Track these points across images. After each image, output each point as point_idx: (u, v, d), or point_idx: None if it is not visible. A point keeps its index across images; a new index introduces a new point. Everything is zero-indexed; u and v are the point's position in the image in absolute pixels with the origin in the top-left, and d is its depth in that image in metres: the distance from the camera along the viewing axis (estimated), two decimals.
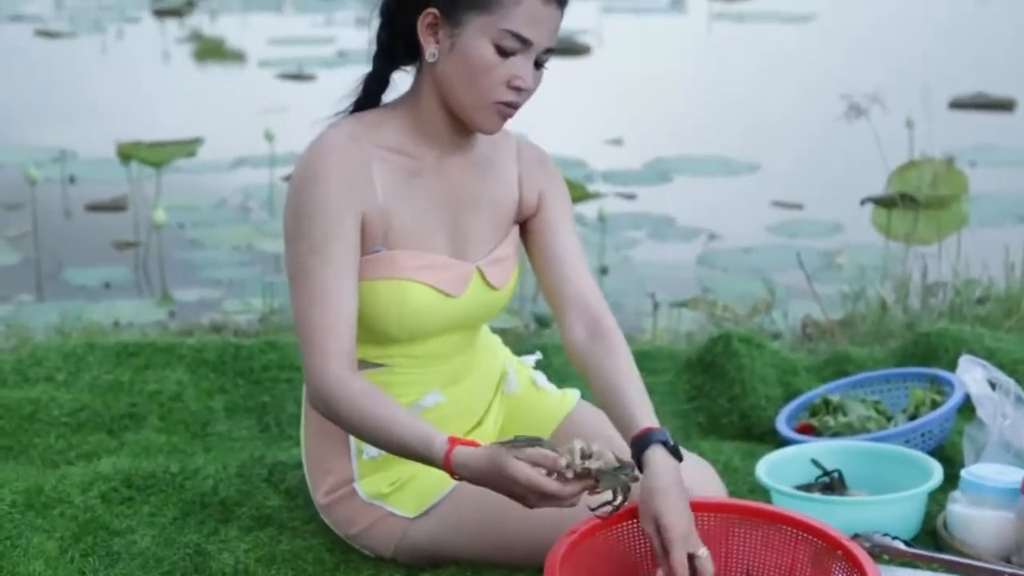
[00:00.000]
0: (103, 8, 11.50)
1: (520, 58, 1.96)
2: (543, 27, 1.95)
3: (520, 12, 1.93)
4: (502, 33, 1.93)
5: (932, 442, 2.58)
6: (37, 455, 2.59)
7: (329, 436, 2.11)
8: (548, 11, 1.95)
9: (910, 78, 7.62)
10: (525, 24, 1.94)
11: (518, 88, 1.97)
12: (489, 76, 1.95)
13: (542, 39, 1.96)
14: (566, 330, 2.10)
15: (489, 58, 1.94)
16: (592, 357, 2.05)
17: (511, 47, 1.94)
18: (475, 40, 1.94)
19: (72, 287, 4.95)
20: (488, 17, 1.93)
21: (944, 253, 4.14)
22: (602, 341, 2.06)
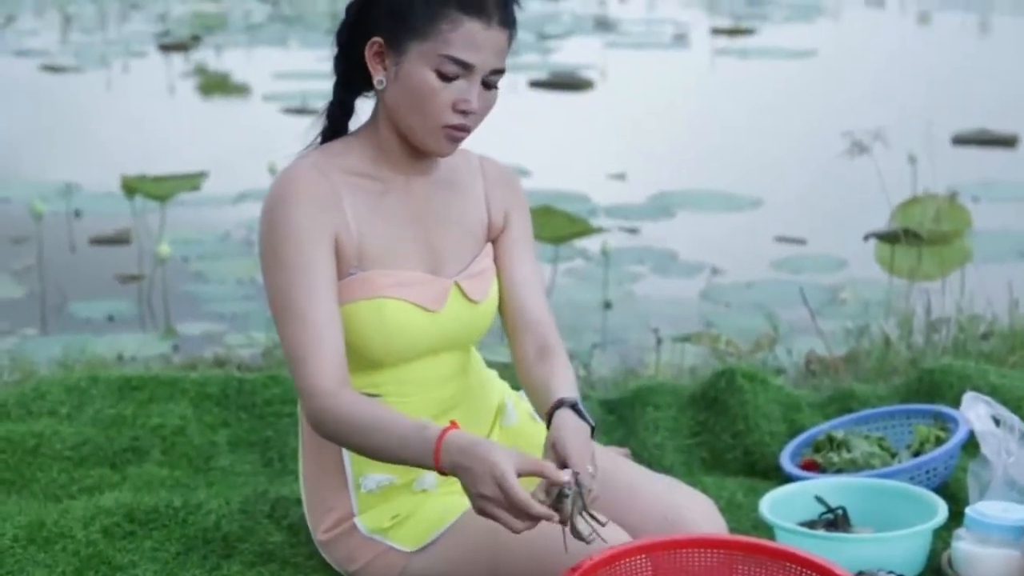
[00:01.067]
0: (109, 43, 11.58)
1: (464, 81, 1.96)
2: (484, 50, 1.96)
3: (457, 37, 1.94)
4: (441, 59, 1.95)
5: (937, 479, 2.58)
6: (39, 489, 2.58)
7: (327, 471, 2.11)
8: (489, 34, 1.95)
9: (913, 114, 7.66)
10: (464, 48, 1.95)
11: (464, 111, 1.98)
12: (434, 101, 1.96)
13: (485, 61, 1.96)
14: (517, 349, 2.12)
15: (432, 83, 1.95)
16: (537, 369, 2.08)
17: (452, 72, 1.95)
18: (416, 66, 1.95)
19: (76, 320, 4.96)
20: (427, 43, 1.95)
21: (948, 289, 4.14)
22: (548, 359, 2.09)
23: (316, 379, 1.95)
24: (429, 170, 2.11)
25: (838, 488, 2.44)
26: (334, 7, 13.57)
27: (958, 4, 13.95)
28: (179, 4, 14.25)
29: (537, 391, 2.06)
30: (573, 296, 5.15)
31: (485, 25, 1.95)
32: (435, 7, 1.94)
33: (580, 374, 3.45)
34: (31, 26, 12.63)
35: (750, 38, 11.86)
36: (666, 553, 1.94)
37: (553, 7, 14.18)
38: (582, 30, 12.49)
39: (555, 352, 2.09)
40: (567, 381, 2.04)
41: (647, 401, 2.96)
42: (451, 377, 2.14)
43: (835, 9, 13.60)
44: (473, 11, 1.94)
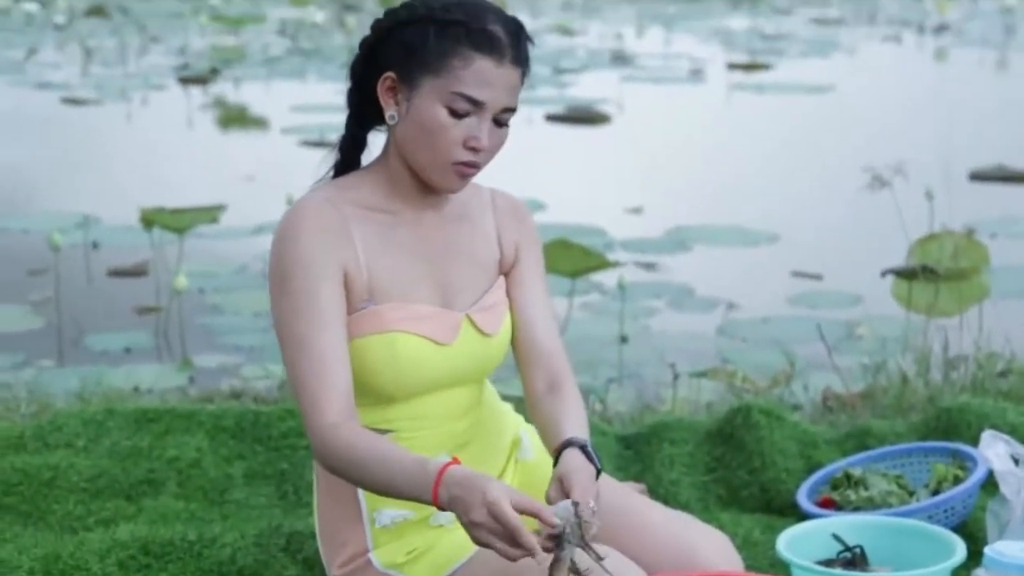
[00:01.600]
0: (129, 76, 11.66)
1: (475, 119, 1.97)
2: (496, 88, 1.96)
3: (469, 74, 1.94)
4: (453, 96, 1.95)
5: (955, 518, 2.56)
6: (55, 521, 2.59)
7: (342, 505, 2.11)
8: (501, 72, 1.96)
9: (930, 150, 7.66)
10: (475, 86, 1.95)
11: (474, 148, 1.98)
12: (444, 137, 1.97)
13: (497, 99, 1.97)
14: (527, 382, 2.12)
15: (443, 120, 1.96)
16: (547, 403, 2.08)
17: (463, 108, 1.96)
18: (428, 102, 1.96)
19: (93, 352, 4.97)
20: (439, 80, 1.95)
21: (965, 326, 4.13)
22: (558, 394, 2.08)
23: (319, 413, 1.94)
24: (440, 204, 2.11)
25: (856, 526, 2.42)
26: (351, 41, 13.65)
27: (975, 40, 13.96)
28: (198, 37, 14.36)
29: (547, 427, 2.05)
30: (589, 330, 5.14)
31: (497, 63, 1.96)
32: (448, 44, 1.95)
33: (596, 409, 3.44)
34: (53, 59, 12.73)
35: (766, 73, 11.88)
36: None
37: (569, 41, 14.24)
38: (598, 64, 12.53)
39: (565, 387, 2.09)
40: (577, 419, 2.03)
41: (663, 437, 2.95)
42: (465, 411, 2.13)
43: (851, 45, 13.62)
44: (486, 49, 1.95)
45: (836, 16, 16.33)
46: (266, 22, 15.63)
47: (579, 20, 15.98)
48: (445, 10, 1.96)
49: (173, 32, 14.76)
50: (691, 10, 17.24)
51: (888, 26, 15.34)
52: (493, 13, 1.98)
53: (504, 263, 2.16)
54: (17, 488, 2.64)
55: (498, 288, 2.14)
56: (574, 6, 17.85)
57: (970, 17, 16.07)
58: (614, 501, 2.18)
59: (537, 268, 2.18)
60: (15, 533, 2.51)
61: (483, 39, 1.95)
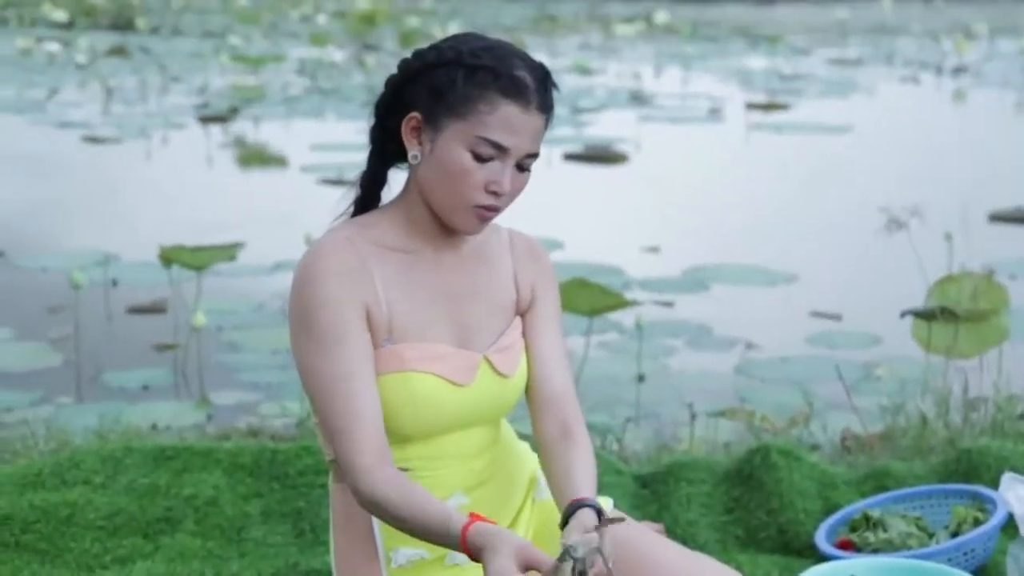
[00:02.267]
0: (149, 115, 11.75)
1: (498, 163, 1.98)
2: (521, 134, 1.98)
3: (495, 119, 1.96)
4: (477, 140, 1.96)
5: (975, 561, 2.55)
6: (72, 559, 2.59)
7: (358, 544, 2.11)
8: (527, 119, 1.97)
9: (949, 191, 7.66)
10: (500, 131, 1.96)
11: (495, 192, 2.00)
12: (466, 180, 1.98)
13: (521, 145, 1.98)
14: (538, 425, 2.12)
15: (466, 163, 1.97)
16: (559, 450, 2.07)
17: (487, 153, 1.97)
18: (452, 145, 1.97)
19: (111, 389, 4.99)
20: (464, 123, 1.96)
21: (985, 367, 4.11)
22: (571, 440, 2.08)
23: (354, 456, 1.95)
24: (459, 244, 2.12)
25: (875, 569, 2.41)
26: (370, 81, 13.74)
27: (994, 82, 13.97)
28: (218, 77, 14.46)
29: (557, 478, 2.04)
30: (607, 369, 5.14)
31: (523, 109, 1.97)
32: (475, 89, 1.96)
33: (613, 448, 3.44)
34: (74, 99, 12.84)
35: (784, 113, 11.90)
36: None
37: (588, 81, 14.30)
38: (616, 104, 12.58)
39: (576, 434, 2.08)
40: (587, 473, 2.03)
41: (680, 476, 2.95)
42: (482, 451, 2.13)
43: (870, 85, 13.65)
44: (513, 95, 1.96)
45: (854, 57, 16.36)
46: (286, 61, 15.75)
47: (597, 60, 16.05)
48: (474, 55, 1.97)
49: (193, 71, 14.88)
50: (709, 50, 17.29)
51: (906, 67, 15.37)
52: (521, 59, 2.00)
53: (521, 303, 2.17)
54: (35, 526, 2.64)
55: (515, 329, 2.15)
56: (592, 46, 17.93)
57: (989, 58, 16.10)
58: (631, 541, 2.17)
59: (553, 310, 2.19)
60: (32, 571, 2.51)
61: (510, 85, 1.97)
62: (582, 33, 19.17)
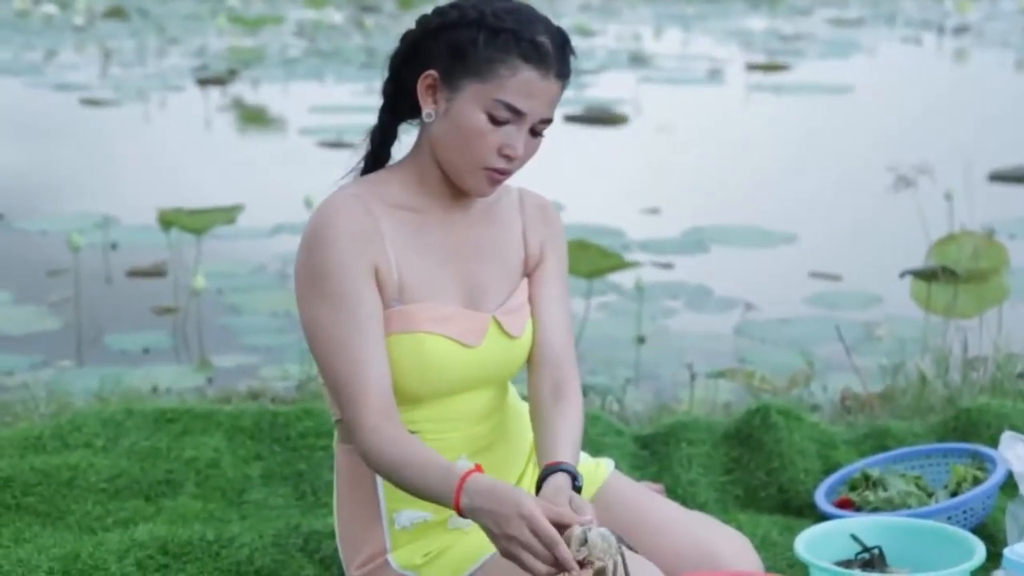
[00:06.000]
0: (147, 77, 11.70)
1: (513, 127, 1.97)
2: (539, 99, 1.97)
3: (515, 83, 1.94)
4: (495, 103, 1.95)
5: (974, 519, 2.55)
6: (74, 521, 2.59)
7: (361, 507, 2.11)
8: (545, 84, 1.96)
9: (950, 151, 7.63)
10: (519, 95, 1.95)
11: (508, 156, 1.99)
12: (480, 142, 1.97)
13: (537, 110, 1.97)
14: (532, 383, 2.11)
15: (481, 125, 1.96)
16: (548, 412, 2.07)
17: (504, 116, 1.96)
18: (469, 106, 1.96)
19: (112, 352, 4.99)
20: (483, 85, 1.95)
21: (985, 327, 4.11)
22: (562, 401, 2.07)
23: (361, 415, 1.95)
24: (469, 204, 2.11)
25: (874, 527, 2.42)
26: (369, 42, 13.68)
27: (995, 42, 13.92)
28: (216, 39, 14.39)
29: (541, 438, 2.04)
30: (607, 331, 5.15)
31: (543, 75, 1.96)
32: (497, 51, 1.94)
33: (613, 409, 3.45)
34: (72, 61, 12.78)
35: (785, 74, 11.85)
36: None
37: (588, 42, 14.23)
38: (616, 65, 12.53)
39: (569, 398, 2.08)
40: (571, 437, 2.02)
41: (681, 437, 2.95)
42: (488, 413, 2.13)
43: (871, 46, 13.59)
44: (534, 61, 1.95)
45: (855, 17, 16.29)
46: (284, 23, 15.67)
47: (597, 21, 15.98)
48: (497, 17, 1.96)
49: (191, 33, 14.81)
50: (709, 10, 17.21)
51: (907, 27, 15.30)
52: (543, 23, 1.99)
53: (529, 263, 2.16)
54: (36, 488, 2.65)
55: (523, 290, 2.14)
56: (592, 7, 17.85)
57: (990, 18, 16.02)
58: (631, 501, 2.18)
59: (559, 271, 2.18)
60: (34, 533, 2.52)
61: (532, 50, 1.95)
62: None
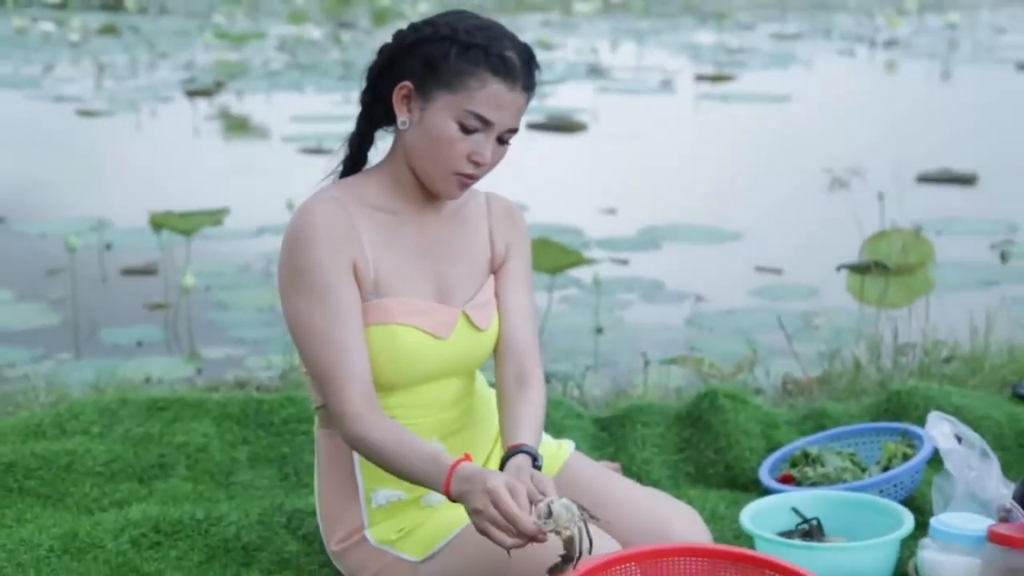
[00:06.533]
0: (139, 89, 11.61)
1: (481, 135, 1.98)
2: (505, 110, 1.98)
3: (483, 95, 1.96)
4: (465, 113, 1.96)
5: (904, 492, 2.58)
6: (73, 503, 2.58)
7: (340, 487, 2.11)
8: (512, 96, 1.98)
9: (881, 155, 7.68)
10: (487, 106, 1.96)
11: (477, 163, 1.99)
12: (451, 150, 1.98)
13: (504, 120, 1.99)
14: (499, 371, 2.13)
15: (452, 133, 1.97)
16: (512, 399, 2.08)
17: (473, 125, 1.97)
18: (441, 116, 1.97)
19: (107, 346, 4.96)
20: (454, 96, 1.96)
21: (913, 316, 4.15)
22: (525, 389, 2.09)
23: (345, 404, 1.96)
24: (439, 205, 2.12)
25: (813, 500, 2.44)
26: (346, 56, 13.62)
27: (922, 53, 14.00)
28: (203, 53, 14.29)
29: (505, 423, 2.05)
30: (567, 322, 5.15)
31: (510, 88, 1.97)
32: (467, 64, 1.95)
33: (574, 394, 3.45)
34: (68, 74, 12.66)
35: (731, 84, 11.89)
36: (654, 561, 1.94)
37: (549, 55, 14.22)
38: (576, 77, 12.52)
39: (532, 386, 2.09)
40: (533, 422, 2.03)
41: (636, 419, 2.96)
42: (457, 400, 2.14)
43: (808, 58, 13.64)
44: (502, 74, 1.96)
45: (794, 31, 16.34)
46: (267, 39, 15.57)
47: (558, 35, 15.96)
48: (468, 33, 1.97)
49: (180, 48, 14.70)
50: (661, 26, 17.23)
51: (842, 40, 15.36)
52: (510, 40, 2.00)
53: (496, 261, 2.16)
54: (37, 472, 2.63)
55: (490, 286, 2.15)
56: (553, 23, 17.83)
57: (918, 32, 16.11)
58: (591, 480, 2.19)
59: (523, 268, 2.19)
60: (36, 514, 2.50)
61: (500, 64, 1.96)
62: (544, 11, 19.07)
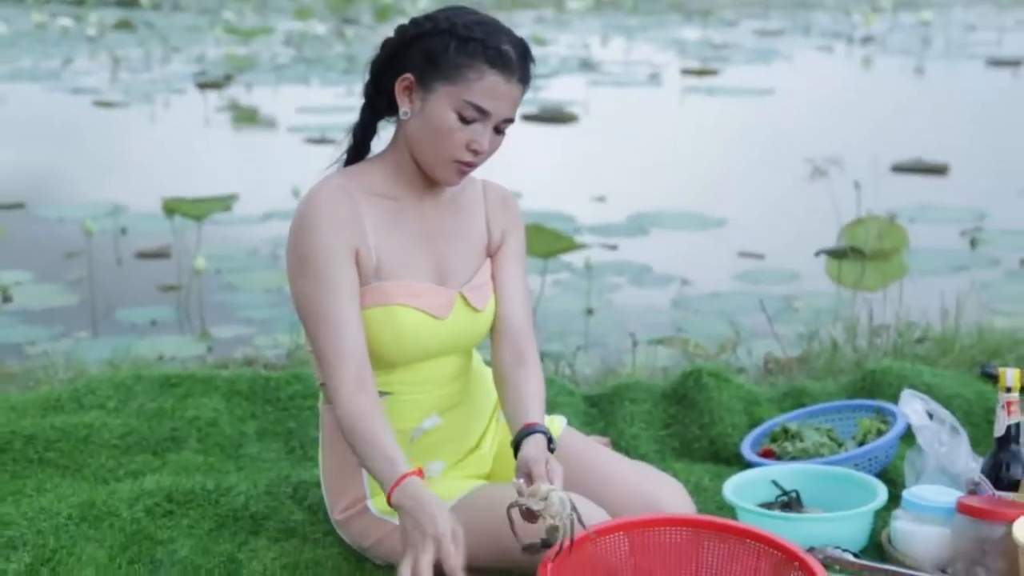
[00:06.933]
0: (152, 81, 11.57)
1: (479, 125, 1.98)
2: (502, 101, 1.97)
3: (481, 87, 1.95)
4: (464, 103, 1.95)
5: (878, 466, 2.58)
6: (90, 473, 2.58)
7: (343, 460, 2.11)
8: (508, 88, 1.97)
9: (858, 146, 7.68)
10: (485, 97, 1.96)
11: (475, 151, 1.98)
12: (450, 139, 1.97)
13: (501, 111, 1.98)
14: (496, 352, 2.12)
15: (451, 123, 1.96)
16: (511, 377, 2.07)
17: (471, 116, 1.96)
18: (441, 106, 1.96)
19: (122, 325, 4.95)
20: (453, 88, 1.95)
21: (888, 299, 4.15)
22: (523, 367, 2.08)
23: (338, 383, 1.96)
24: (439, 192, 2.11)
25: (792, 474, 2.44)
26: (349, 50, 13.57)
27: (896, 50, 13.98)
28: (214, 47, 14.23)
29: (509, 401, 2.05)
30: (560, 304, 5.15)
31: (506, 80, 1.96)
32: (466, 57, 1.95)
33: (565, 372, 3.45)
34: (86, 67, 12.61)
35: (715, 78, 11.86)
36: (641, 531, 1.94)
37: (543, 50, 14.17)
38: (568, 70, 12.49)
39: (529, 364, 2.08)
40: (537, 399, 2.03)
41: (625, 397, 2.96)
42: (455, 376, 2.13)
43: (790, 54, 13.61)
44: (499, 67, 1.96)
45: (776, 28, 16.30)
46: (274, 34, 15.51)
47: (551, 31, 15.91)
48: (466, 27, 1.96)
49: (192, 43, 14.64)
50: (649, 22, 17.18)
51: (821, 37, 15.32)
52: (507, 34, 1.99)
53: (492, 246, 2.16)
54: (56, 444, 2.63)
55: (486, 269, 2.14)
56: (547, 19, 17.77)
57: (892, 29, 16.07)
58: (582, 454, 2.19)
59: (518, 251, 2.18)
60: (55, 484, 2.50)
61: (497, 57, 1.95)
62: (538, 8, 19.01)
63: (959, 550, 2.14)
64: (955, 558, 2.15)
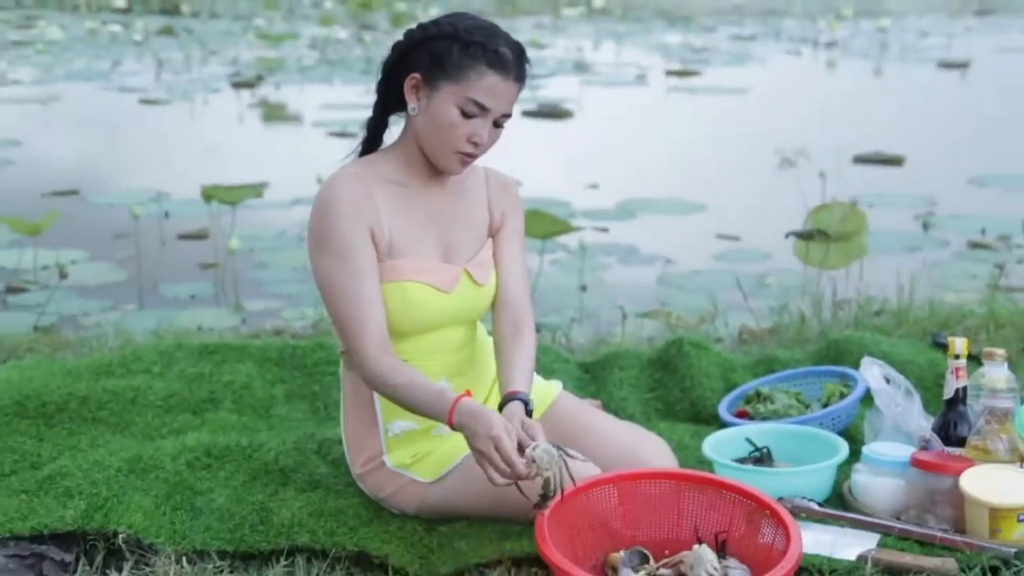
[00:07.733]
0: (192, 81, 11.53)
1: (480, 120, 1.97)
2: (501, 98, 1.97)
3: (482, 85, 1.94)
4: (466, 100, 1.95)
5: (840, 425, 2.58)
6: (137, 431, 2.58)
7: (362, 419, 2.11)
8: (506, 86, 1.97)
9: (823, 139, 7.65)
10: (485, 94, 1.95)
11: (475, 143, 1.97)
12: (453, 132, 1.97)
13: (499, 107, 1.97)
14: (496, 323, 2.12)
15: (454, 118, 1.96)
16: (506, 348, 2.07)
17: (472, 111, 1.96)
18: (445, 103, 1.96)
19: (165, 299, 4.94)
20: (456, 86, 1.95)
21: (849, 276, 4.14)
22: (519, 337, 2.08)
23: (362, 347, 1.96)
24: (445, 179, 2.11)
25: (764, 432, 2.44)
26: (368, 53, 13.50)
27: (857, 53, 13.91)
28: (247, 51, 14.17)
29: (501, 369, 2.05)
30: (556, 281, 5.14)
31: (505, 79, 1.96)
32: (468, 59, 1.94)
33: (561, 342, 3.45)
34: (132, 69, 12.56)
35: (696, 78, 11.80)
36: (629, 483, 1.94)
37: (540, 53, 14.11)
38: (563, 71, 12.44)
39: (525, 336, 2.08)
40: (526, 369, 2.03)
41: (614, 364, 2.96)
42: (461, 346, 2.13)
43: (762, 56, 13.54)
44: (497, 67, 1.95)
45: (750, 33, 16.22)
46: (301, 39, 15.44)
47: (548, 36, 15.82)
48: (468, 32, 1.96)
49: (227, 47, 14.58)
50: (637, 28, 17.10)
51: (790, 42, 15.24)
52: (505, 38, 1.99)
53: (493, 226, 2.16)
54: (107, 405, 2.63)
55: (488, 248, 2.14)
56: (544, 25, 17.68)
57: (854, 35, 15.98)
58: (576, 414, 2.19)
59: (518, 232, 2.18)
60: (106, 440, 2.50)
61: (496, 59, 1.95)
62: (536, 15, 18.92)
63: (912, 500, 2.15)
64: (908, 507, 2.15)
